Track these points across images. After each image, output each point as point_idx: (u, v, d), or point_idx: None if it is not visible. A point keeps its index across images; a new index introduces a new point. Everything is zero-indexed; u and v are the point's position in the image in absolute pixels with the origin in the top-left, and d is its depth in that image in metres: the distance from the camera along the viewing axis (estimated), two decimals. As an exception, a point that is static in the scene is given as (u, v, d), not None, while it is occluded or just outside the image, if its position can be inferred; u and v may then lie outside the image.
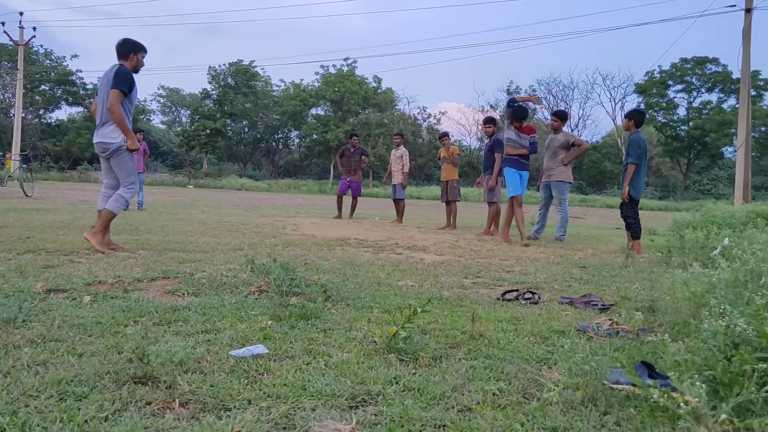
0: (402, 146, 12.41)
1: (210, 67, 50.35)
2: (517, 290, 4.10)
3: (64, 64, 49.20)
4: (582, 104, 77.66)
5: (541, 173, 9.58)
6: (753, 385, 1.60)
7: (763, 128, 45.04)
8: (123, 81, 5.37)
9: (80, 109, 51.42)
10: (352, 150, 12.53)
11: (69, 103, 50.44)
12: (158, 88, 60.25)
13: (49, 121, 51.44)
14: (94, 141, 5.54)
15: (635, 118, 7.69)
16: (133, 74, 5.60)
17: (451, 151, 11.30)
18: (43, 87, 48.32)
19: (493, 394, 2.07)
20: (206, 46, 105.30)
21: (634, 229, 7.64)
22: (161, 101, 61.42)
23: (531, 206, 13.83)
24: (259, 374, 2.18)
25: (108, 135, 5.44)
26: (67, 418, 1.71)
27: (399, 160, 12.24)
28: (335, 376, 2.17)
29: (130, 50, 5.60)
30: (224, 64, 50.33)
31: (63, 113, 71.05)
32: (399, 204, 12.35)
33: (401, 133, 13.31)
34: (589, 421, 1.84)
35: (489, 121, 10.39)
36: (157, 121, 64.56)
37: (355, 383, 2.10)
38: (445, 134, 11.82)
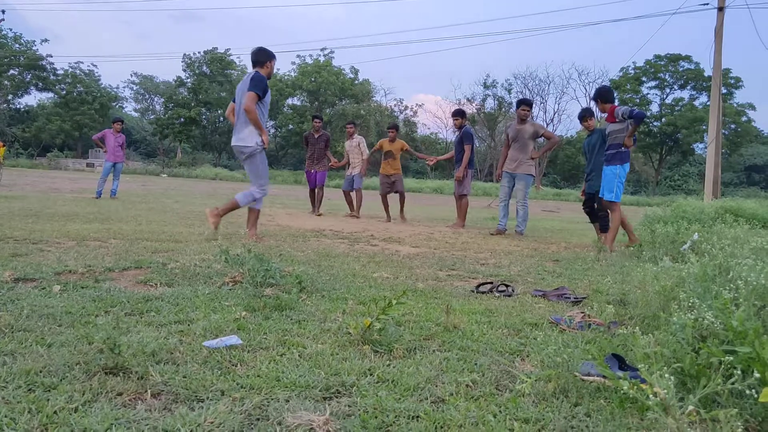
0: (356, 135, 11.48)
1: (185, 54, 49.83)
2: (491, 283, 4.13)
3: (34, 48, 48.20)
4: (557, 99, 78.45)
5: (500, 163, 9.41)
6: (719, 377, 1.64)
7: (733, 125, 45.95)
8: (258, 85, 5.74)
9: (50, 94, 50.59)
10: (316, 136, 11.36)
11: (39, 88, 49.52)
12: (131, 75, 59.50)
13: (18, 106, 50.37)
14: (232, 144, 5.98)
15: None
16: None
17: (400, 146, 10.83)
18: (12, 71, 47.28)
19: (467, 385, 2.09)
20: (181, 33, 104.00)
21: (606, 222, 7.73)
22: (134, 88, 60.58)
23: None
24: (233, 365, 2.17)
25: (244, 139, 5.86)
26: (35, 409, 1.68)
27: (356, 149, 11.36)
28: (309, 368, 2.17)
29: (265, 58, 5.98)
30: (199, 52, 49.77)
31: (33, 99, 69.84)
32: (357, 194, 11.31)
33: (353, 121, 12.22)
34: (560, 412, 1.86)
35: (458, 113, 10.09)
36: (129, 108, 63.73)
37: (329, 374, 2.10)
38: (395, 126, 11.18)
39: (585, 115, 7.91)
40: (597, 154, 7.91)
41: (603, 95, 7.26)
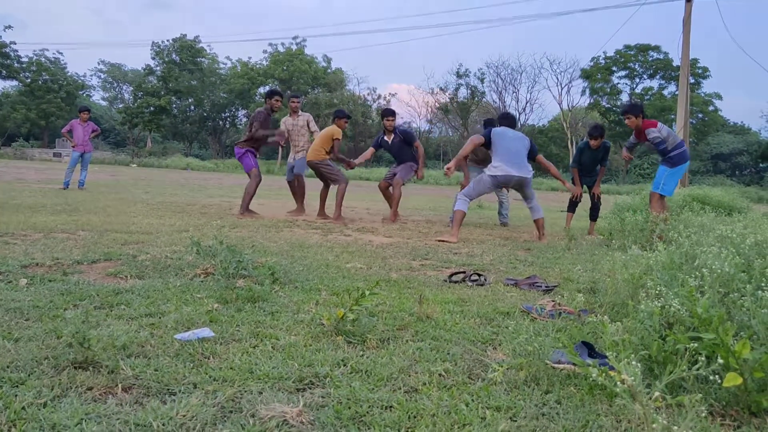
0: (302, 112, 9.39)
1: (153, 42, 49.01)
2: (463, 272, 4.16)
3: (-3, 35, 46.93)
4: (529, 88, 78.84)
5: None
6: (685, 364, 1.68)
7: (700, 115, 46.79)
8: (535, 146, 7.25)
9: (14, 82, 49.37)
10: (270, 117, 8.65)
11: (3, 76, 48.28)
12: (98, 63, 58.47)
13: (-20, 94, 49.09)
14: (516, 174, 6.88)
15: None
16: None
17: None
18: (-26, 59, 46.02)
19: (439, 374, 2.11)
20: (150, 20, 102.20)
21: (596, 211, 8.34)
22: (102, 77, 59.49)
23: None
24: (205, 358, 2.15)
25: (528, 172, 7.01)
26: (3, 405, 1.65)
27: (304, 129, 9.19)
28: (282, 359, 2.16)
29: (516, 122, 7.55)
30: (168, 40, 49.00)
31: (-4, 87, 68.03)
32: (300, 182, 9.14)
33: (298, 94, 9.71)
34: (531, 400, 1.89)
35: (391, 113, 8.74)
36: (97, 97, 62.59)
37: (302, 366, 2.10)
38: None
39: (600, 134, 8.04)
40: (596, 165, 8.37)
41: (636, 109, 7.15)
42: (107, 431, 1.55)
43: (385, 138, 8.75)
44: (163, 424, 1.60)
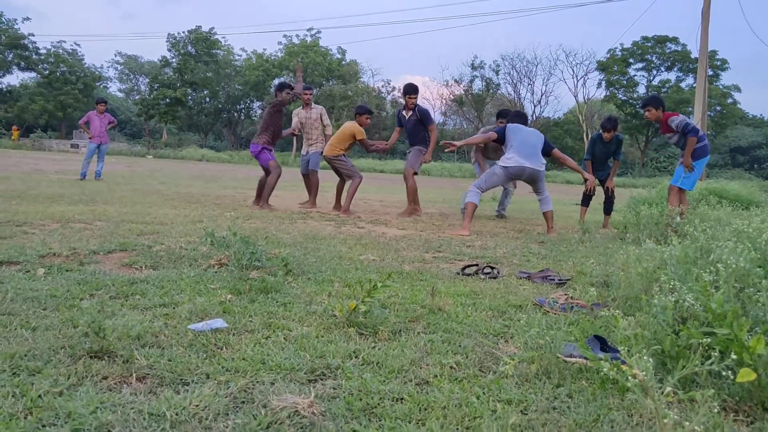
0: (315, 104, 9.18)
1: (169, 34, 49.24)
2: (476, 265, 4.15)
3: (16, 27, 47.41)
4: (545, 80, 78.29)
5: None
6: (698, 359, 1.67)
7: (718, 107, 46.16)
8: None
9: (33, 74, 49.84)
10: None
11: (21, 68, 48.78)
12: (115, 55, 58.89)
13: (0, 86, 49.62)
14: (529, 166, 6.82)
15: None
16: None
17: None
18: (-7, 50, 46.54)
19: (451, 367, 2.11)
20: (166, 12, 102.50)
21: (610, 205, 8.30)
22: (119, 68, 59.90)
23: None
24: (218, 348, 2.17)
25: (541, 165, 6.96)
26: (20, 393, 1.68)
27: (317, 122, 9.03)
28: (295, 350, 2.18)
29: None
30: (184, 32, 49.20)
31: (15, 78, 68.87)
32: (313, 177, 9.02)
33: (310, 86, 9.33)
34: (542, 393, 1.89)
35: (414, 90, 8.31)
36: (114, 88, 63.02)
37: (314, 357, 2.12)
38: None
39: (613, 127, 7.98)
40: (610, 159, 8.31)
41: (656, 102, 7.08)
42: (122, 420, 1.57)
43: (404, 113, 8.48)
44: (176, 414, 1.61)
